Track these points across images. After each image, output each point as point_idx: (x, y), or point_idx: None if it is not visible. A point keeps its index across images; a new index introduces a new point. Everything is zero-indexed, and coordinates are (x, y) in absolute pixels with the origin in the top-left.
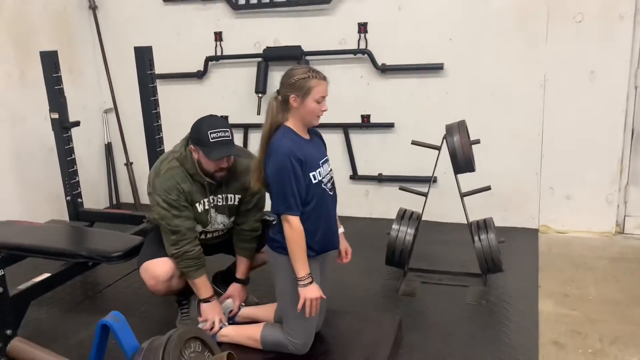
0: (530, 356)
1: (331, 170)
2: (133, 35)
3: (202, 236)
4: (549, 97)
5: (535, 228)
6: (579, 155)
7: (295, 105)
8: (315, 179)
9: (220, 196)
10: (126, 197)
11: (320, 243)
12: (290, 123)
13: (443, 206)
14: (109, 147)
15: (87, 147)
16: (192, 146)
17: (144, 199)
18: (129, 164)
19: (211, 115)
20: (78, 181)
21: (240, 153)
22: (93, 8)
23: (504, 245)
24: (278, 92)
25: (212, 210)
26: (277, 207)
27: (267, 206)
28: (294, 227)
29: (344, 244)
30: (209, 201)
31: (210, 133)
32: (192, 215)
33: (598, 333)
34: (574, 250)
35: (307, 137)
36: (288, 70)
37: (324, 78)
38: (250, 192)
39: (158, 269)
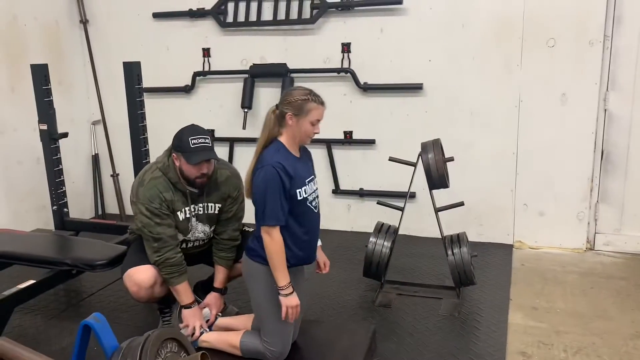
0: None
1: (317, 189)
2: (123, 49)
3: (184, 245)
4: (523, 117)
5: (510, 244)
6: (551, 174)
7: (291, 123)
8: (300, 195)
9: (201, 205)
10: (112, 207)
11: (298, 257)
12: (283, 139)
13: (421, 221)
14: (96, 159)
15: (74, 158)
16: (174, 154)
17: (129, 209)
18: (115, 176)
19: (192, 124)
20: (64, 191)
21: (220, 162)
22: (84, 22)
23: (479, 259)
24: (277, 106)
25: (193, 219)
26: (259, 218)
27: (248, 218)
28: (274, 239)
29: (322, 257)
30: (190, 210)
31: (191, 139)
32: (174, 224)
33: (563, 344)
34: (545, 265)
35: (297, 154)
36: (290, 88)
37: (322, 103)
38: (230, 202)
39: (141, 276)
